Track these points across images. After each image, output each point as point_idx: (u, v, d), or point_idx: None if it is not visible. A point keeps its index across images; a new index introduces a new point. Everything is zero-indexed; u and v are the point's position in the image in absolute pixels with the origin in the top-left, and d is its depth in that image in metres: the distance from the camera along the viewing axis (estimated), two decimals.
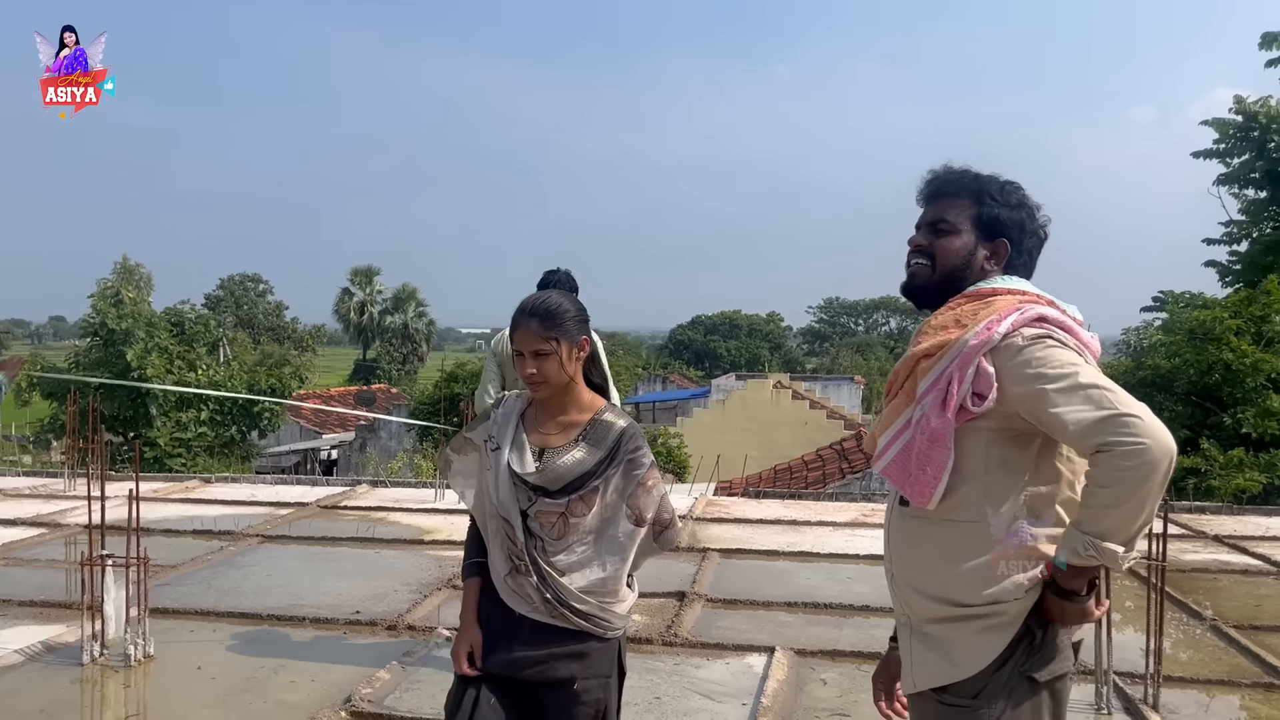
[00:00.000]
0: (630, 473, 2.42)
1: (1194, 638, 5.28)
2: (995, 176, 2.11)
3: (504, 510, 2.42)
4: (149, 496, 8.87)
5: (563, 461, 2.41)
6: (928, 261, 2.08)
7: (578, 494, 2.39)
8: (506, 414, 2.51)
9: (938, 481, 1.92)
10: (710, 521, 8.12)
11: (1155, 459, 1.74)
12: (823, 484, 16.79)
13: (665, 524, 2.48)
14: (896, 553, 2.09)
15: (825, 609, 5.63)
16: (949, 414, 1.90)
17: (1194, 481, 11.05)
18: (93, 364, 20.38)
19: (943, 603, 1.97)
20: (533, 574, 2.38)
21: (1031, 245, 2.10)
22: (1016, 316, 1.91)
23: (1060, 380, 1.83)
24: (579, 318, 2.48)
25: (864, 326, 72.37)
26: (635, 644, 4.98)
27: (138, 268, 41.84)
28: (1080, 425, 1.79)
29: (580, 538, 2.39)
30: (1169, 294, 15.97)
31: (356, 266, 62.25)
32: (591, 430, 2.45)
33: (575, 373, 2.45)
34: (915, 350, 2.01)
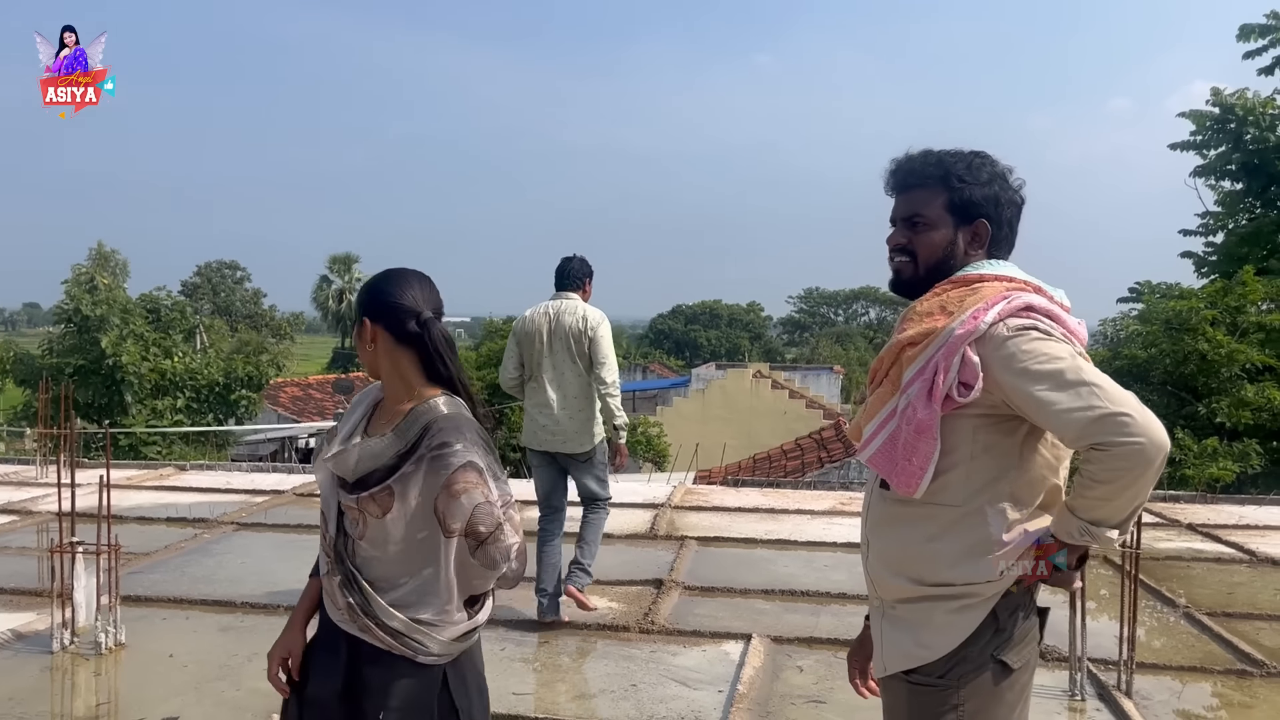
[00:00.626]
0: (436, 473, 2.04)
1: (1167, 625, 5.32)
2: (960, 153, 2.05)
3: (324, 502, 2.19)
4: (122, 484, 8.79)
5: (356, 446, 2.11)
6: (909, 258, 2.04)
7: (369, 492, 2.06)
8: (357, 402, 2.28)
9: (924, 472, 1.90)
10: (688, 510, 8.11)
11: (1150, 456, 1.74)
12: (801, 473, 16.84)
13: (482, 538, 2.05)
14: (874, 533, 2.07)
15: (802, 596, 5.64)
16: (935, 404, 1.87)
17: (1168, 471, 11.15)
18: (66, 351, 20.13)
19: (917, 583, 1.96)
20: (338, 573, 2.12)
21: (1010, 215, 2.05)
22: (1003, 306, 1.88)
23: (1048, 377, 1.80)
24: (364, 299, 2.21)
25: (843, 316, 72.58)
26: (612, 631, 4.98)
27: (113, 254, 41.34)
28: (1073, 425, 1.78)
29: (387, 543, 2.08)
30: (1145, 284, 16.09)
31: (335, 254, 61.77)
32: (404, 419, 2.12)
33: (380, 359, 2.17)
34: (900, 338, 1.97)
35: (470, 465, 2.05)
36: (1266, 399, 11.90)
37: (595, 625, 5.05)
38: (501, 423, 20.93)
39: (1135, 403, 1.77)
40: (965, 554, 1.92)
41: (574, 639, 4.93)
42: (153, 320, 21.76)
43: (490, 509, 2.06)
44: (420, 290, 2.19)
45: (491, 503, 2.07)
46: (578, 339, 5.01)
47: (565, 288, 5.17)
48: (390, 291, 2.18)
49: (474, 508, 2.04)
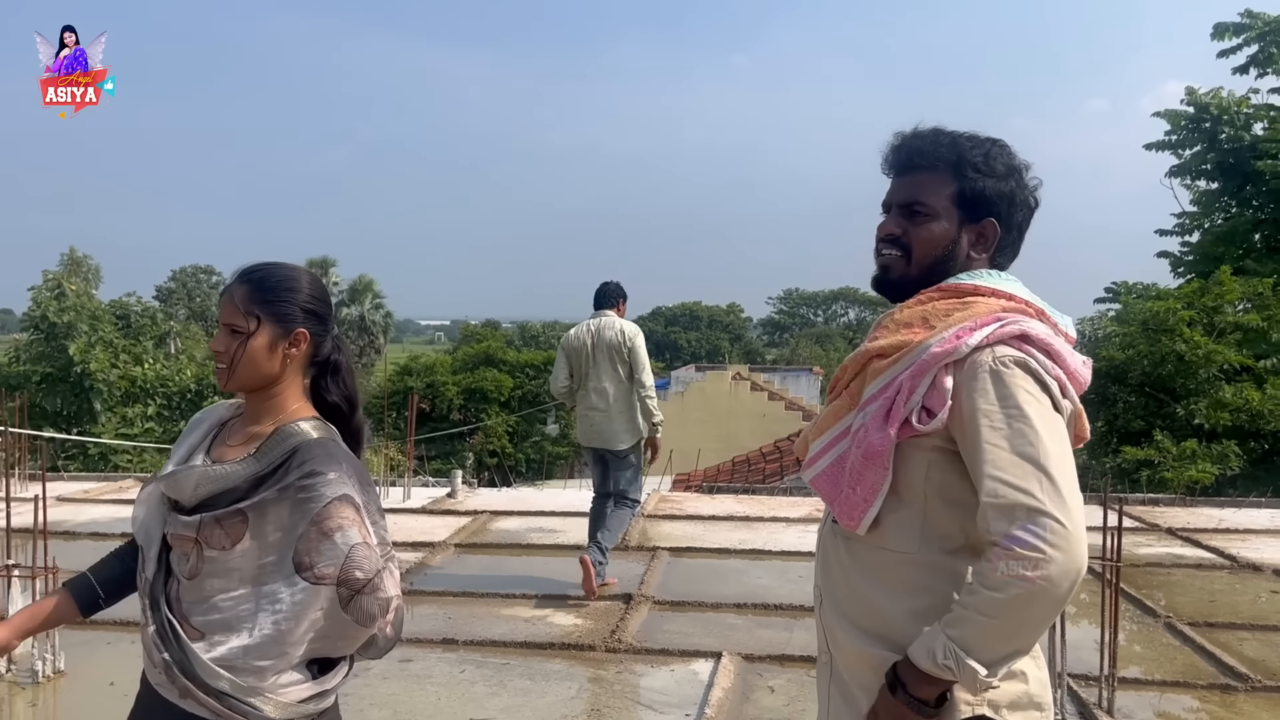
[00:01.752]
0: (302, 505, 1.70)
1: (1149, 636, 5.18)
2: (976, 137, 1.76)
3: (143, 533, 1.83)
4: (78, 498, 8.54)
5: (202, 469, 1.77)
6: (901, 252, 1.75)
7: (212, 514, 1.71)
8: (198, 421, 1.92)
9: (869, 505, 1.64)
10: (661, 519, 7.94)
11: (1054, 579, 1.46)
12: (780, 476, 16.72)
13: (358, 586, 1.70)
14: (825, 575, 1.79)
15: (776, 610, 5.48)
16: (891, 429, 1.61)
17: (1147, 473, 11.09)
18: (34, 358, 19.81)
19: (875, 639, 1.66)
20: (153, 622, 1.74)
21: (1021, 218, 1.77)
22: (995, 329, 1.61)
23: (1006, 434, 1.54)
24: (309, 306, 1.85)
25: (823, 317, 72.69)
26: (578, 651, 4.80)
27: (85, 259, 40.90)
28: (991, 498, 1.51)
29: (223, 584, 1.72)
30: (1123, 285, 16.06)
31: (312, 257, 61.30)
32: (267, 441, 1.78)
33: (284, 371, 1.83)
34: (869, 346, 1.71)
35: (346, 499, 1.74)
36: (1244, 400, 11.85)
37: (560, 644, 4.86)
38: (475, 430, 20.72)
39: (1076, 515, 1.50)
40: (918, 617, 1.61)
41: (538, 659, 4.74)
42: (123, 327, 21.46)
43: (369, 552, 1.73)
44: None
45: (370, 545, 1.75)
46: (617, 350, 5.78)
47: (603, 306, 5.98)
48: (327, 299, 1.91)
49: (350, 549, 1.71)
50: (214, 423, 1.92)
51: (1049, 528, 1.48)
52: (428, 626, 5.16)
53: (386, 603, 1.75)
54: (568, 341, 5.95)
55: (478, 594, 5.71)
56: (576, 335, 5.91)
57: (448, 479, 9.16)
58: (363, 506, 1.78)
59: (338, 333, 1.93)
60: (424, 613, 5.44)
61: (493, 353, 22.50)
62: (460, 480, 8.99)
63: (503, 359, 22.38)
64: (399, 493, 8.73)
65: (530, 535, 7.27)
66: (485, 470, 18.17)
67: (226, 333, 1.81)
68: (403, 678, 4.47)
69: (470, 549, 6.94)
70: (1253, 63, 16.14)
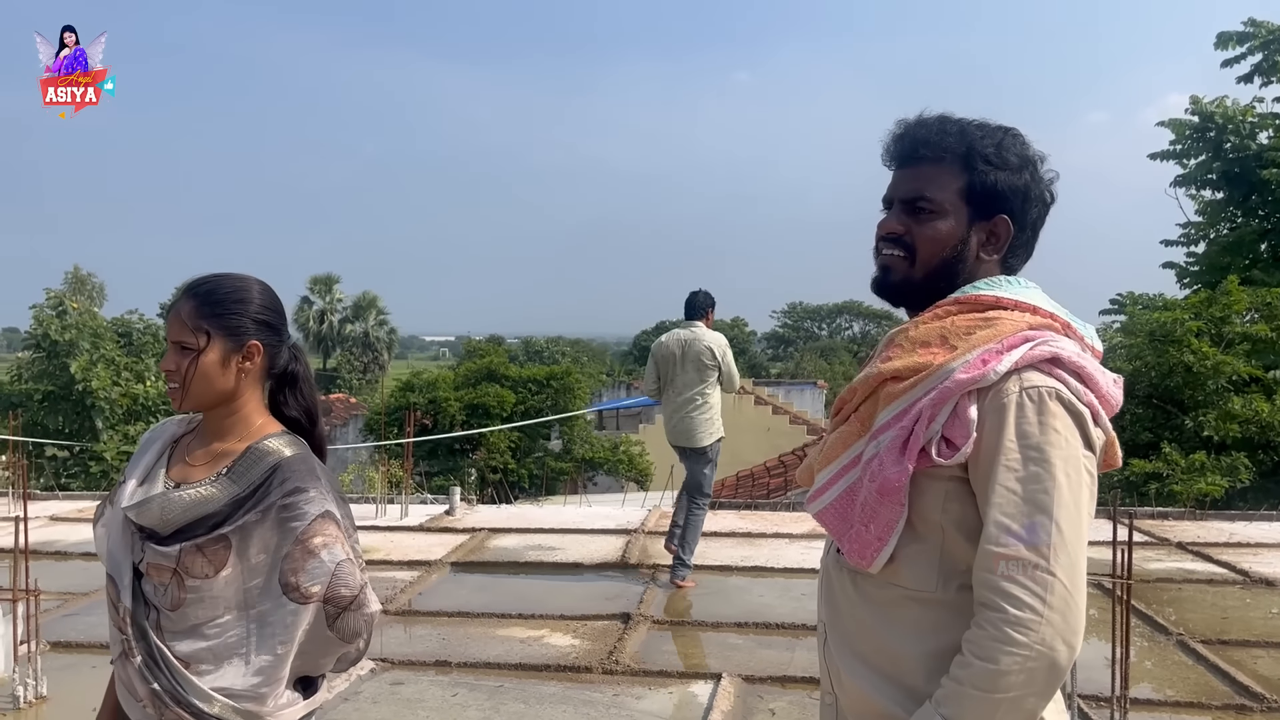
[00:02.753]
0: (285, 524, 1.66)
1: (1160, 654, 5.05)
2: (987, 125, 1.61)
3: (111, 562, 1.74)
4: (72, 516, 8.45)
5: (177, 494, 1.69)
6: (904, 252, 1.59)
7: (193, 541, 1.65)
8: (150, 439, 1.84)
9: (883, 543, 1.49)
10: (662, 535, 7.79)
11: (1049, 644, 1.36)
12: (784, 490, 16.58)
13: (343, 604, 1.68)
14: (831, 611, 1.64)
15: (778, 629, 5.35)
16: (908, 461, 1.46)
17: (1155, 486, 10.92)
18: (36, 376, 19.76)
19: (887, 683, 1.52)
20: (137, 653, 1.68)
21: (1036, 214, 1.62)
22: (1024, 351, 1.47)
23: (1018, 473, 1.41)
24: (260, 317, 1.78)
25: (827, 331, 72.52)
26: (574, 673, 4.69)
27: (89, 277, 40.98)
28: (991, 543, 1.40)
29: (209, 613, 1.66)
30: (1129, 296, 15.92)
31: (316, 275, 61.47)
32: (241, 461, 1.72)
33: (240, 386, 1.76)
34: (883, 368, 1.55)
35: (328, 515, 1.70)
36: (1254, 411, 11.69)
37: (556, 666, 4.74)
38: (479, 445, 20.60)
39: (1079, 580, 1.39)
40: (935, 659, 1.47)
41: (533, 681, 4.62)
42: (125, 344, 21.40)
43: (353, 569, 1.70)
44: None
45: (354, 561, 1.72)
46: (704, 359, 6.29)
47: (693, 318, 6.44)
48: (279, 309, 1.83)
49: (336, 565, 1.67)
50: (167, 440, 1.84)
51: (1049, 586, 1.37)
52: (421, 648, 5.04)
53: (370, 618, 1.74)
54: (658, 348, 6.49)
55: (473, 614, 5.60)
56: (667, 343, 6.46)
57: (447, 496, 9.04)
58: (342, 521, 1.74)
59: (295, 341, 1.86)
60: (418, 633, 5.32)
61: (495, 368, 22.40)
62: (459, 497, 8.87)
63: (505, 374, 22.26)
64: (396, 510, 8.62)
65: (528, 553, 7.15)
66: (488, 486, 18.05)
67: (176, 350, 1.75)
68: (394, 702, 4.35)
69: (467, 567, 6.82)
70: (1257, 71, 16.05)
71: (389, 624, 5.44)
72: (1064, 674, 1.39)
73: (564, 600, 5.85)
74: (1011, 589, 1.37)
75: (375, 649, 4.93)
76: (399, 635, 5.28)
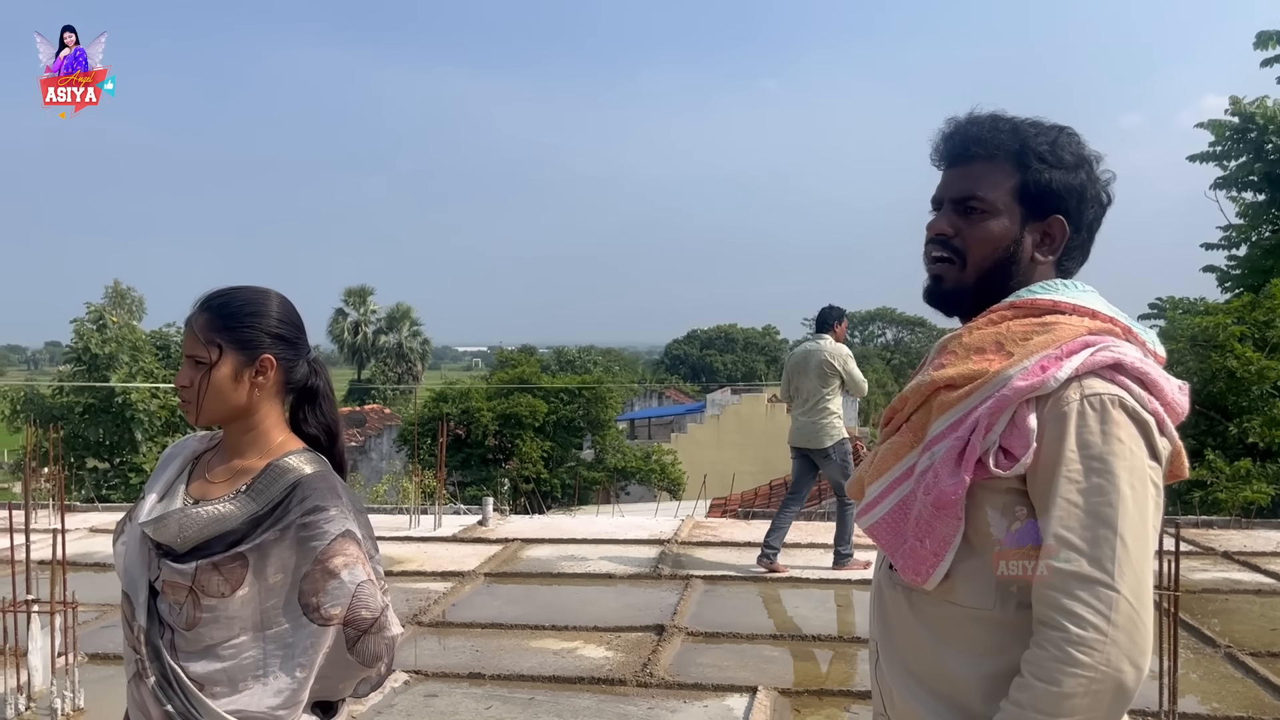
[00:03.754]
0: (305, 544, 1.62)
1: (1208, 667, 4.92)
2: (1041, 123, 1.54)
3: (127, 579, 1.71)
4: (111, 528, 8.50)
5: (195, 511, 1.65)
6: (954, 258, 1.53)
7: (209, 559, 1.61)
8: (171, 455, 1.80)
9: (939, 559, 1.43)
10: (696, 545, 7.76)
11: (1115, 664, 1.29)
12: (819, 499, 16.44)
13: (364, 626, 1.64)
14: (883, 630, 1.57)
15: (814, 641, 5.28)
16: (965, 472, 1.40)
17: (1199, 494, 10.72)
18: (76, 389, 20.07)
19: (942, 705, 1.45)
20: (151, 673, 1.63)
21: (1093, 215, 1.55)
22: (1085, 357, 1.40)
23: (1080, 485, 1.35)
24: (274, 331, 1.74)
25: (860, 338, 72.07)
26: (608, 685, 4.64)
27: (129, 291, 41.57)
28: (1052, 558, 1.34)
29: (225, 633, 1.62)
30: (1168, 300, 15.68)
31: (350, 287, 62.02)
32: (259, 478, 1.68)
33: (254, 401, 1.72)
34: (936, 376, 1.49)
35: (349, 535, 1.66)
36: None
37: (590, 678, 4.70)
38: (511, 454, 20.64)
39: (1145, 596, 1.32)
40: (994, 682, 1.40)
41: (566, 694, 4.58)
42: (163, 357, 21.67)
43: (374, 590, 1.66)
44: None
45: (374, 582, 1.67)
46: (824, 367, 6.74)
47: (822, 330, 6.96)
48: (297, 321, 1.79)
49: (357, 587, 1.63)
50: (188, 456, 1.81)
51: (1113, 603, 1.30)
52: (455, 660, 5.02)
53: (392, 642, 1.69)
54: (789, 359, 7.15)
55: (506, 625, 5.57)
56: (795, 354, 7.08)
57: (480, 506, 9.04)
58: (363, 542, 1.70)
59: (314, 355, 1.82)
60: (452, 645, 5.31)
61: (527, 378, 22.46)
62: (491, 507, 8.87)
63: (537, 384, 22.31)
64: (430, 520, 8.63)
65: (561, 564, 7.12)
66: (520, 496, 18.07)
67: (190, 365, 1.72)
68: (427, 714, 4.33)
69: (500, 578, 6.81)
70: None
71: (423, 635, 5.43)
72: (1131, 697, 1.32)
73: (597, 612, 5.82)
74: (1074, 606, 1.31)
75: (409, 660, 4.91)
76: (433, 647, 5.27)
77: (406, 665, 4.86)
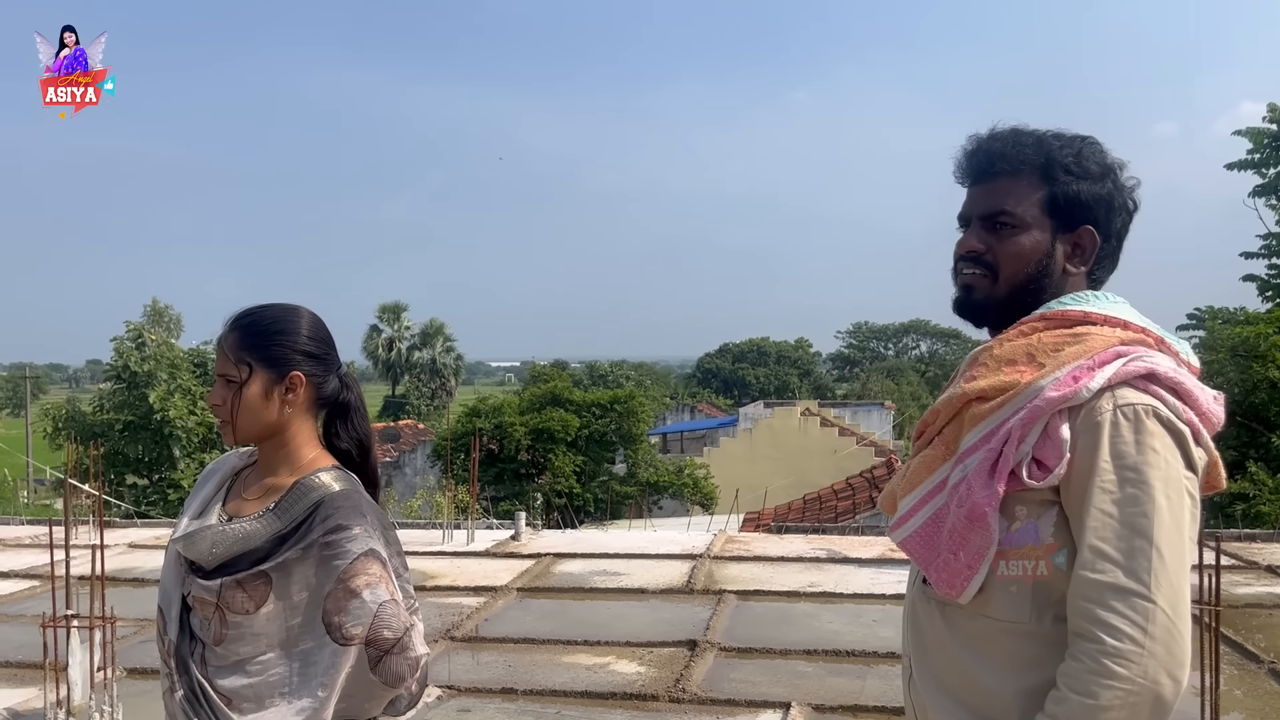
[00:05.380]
0: (328, 563, 1.62)
1: (1251, 683, 4.83)
2: (1064, 135, 1.54)
3: (161, 594, 1.76)
4: (149, 544, 8.64)
5: (226, 528, 1.67)
6: (986, 271, 1.54)
7: (234, 576, 1.63)
8: (210, 473, 1.83)
9: (974, 572, 1.42)
10: (728, 560, 7.73)
11: (1153, 677, 1.27)
12: (853, 514, 16.34)
13: (386, 646, 1.63)
14: (917, 645, 1.56)
15: (847, 656, 5.24)
16: (998, 484, 1.40)
17: (1242, 507, 10.53)
18: (116, 407, 20.38)
19: (979, 718, 1.45)
20: (180, 687, 1.66)
21: (1121, 223, 1.55)
22: (1118, 367, 1.40)
23: (1114, 495, 1.34)
24: (303, 347, 1.75)
25: (894, 351, 71.60)
26: (640, 701, 4.63)
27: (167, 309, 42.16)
28: (1088, 570, 1.33)
29: (252, 649, 1.64)
30: (1208, 310, 15.46)
31: (384, 303, 62.59)
32: (287, 496, 1.69)
33: (286, 418, 1.73)
34: (967, 388, 1.49)
35: (372, 554, 1.66)
36: None
37: (622, 694, 4.69)
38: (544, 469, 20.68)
39: (1183, 608, 1.31)
40: (1029, 697, 1.39)
41: (598, 709, 4.58)
42: (200, 374, 21.96)
43: (397, 610, 1.66)
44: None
45: (398, 602, 1.67)
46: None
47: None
48: (326, 338, 1.81)
49: (378, 607, 1.63)
50: (227, 473, 1.84)
51: (1150, 615, 1.29)
52: (487, 675, 5.03)
53: (416, 662, 1.68)
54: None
55: (539, 640, 5.58)
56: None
57: (512, 521, 9.07)
58: (388, 561, 1.70)
59: (345, 370, 1.83)
60: (484, 660, 5.32)
61: (559, 392, 22.51)
62: (524, 522, 8.89)
63: (569, 399, 22.36)
64: (463, 535, 8.66)
65: (594, 579, 7.12)
66: (553, 511, 18.09)
67: (221, 384, 1.75)
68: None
69: (533, 593, 6.81)
70: None
71: (455, 650, 5.45)
72: (1169, 711, 1.31)
73: (629, 627, 5.81)
74: (1110, 618, 1.30)
75: (442, 676, 4.93)
76: (466, 662, 5.28)
77: (440, 680, 4.88)
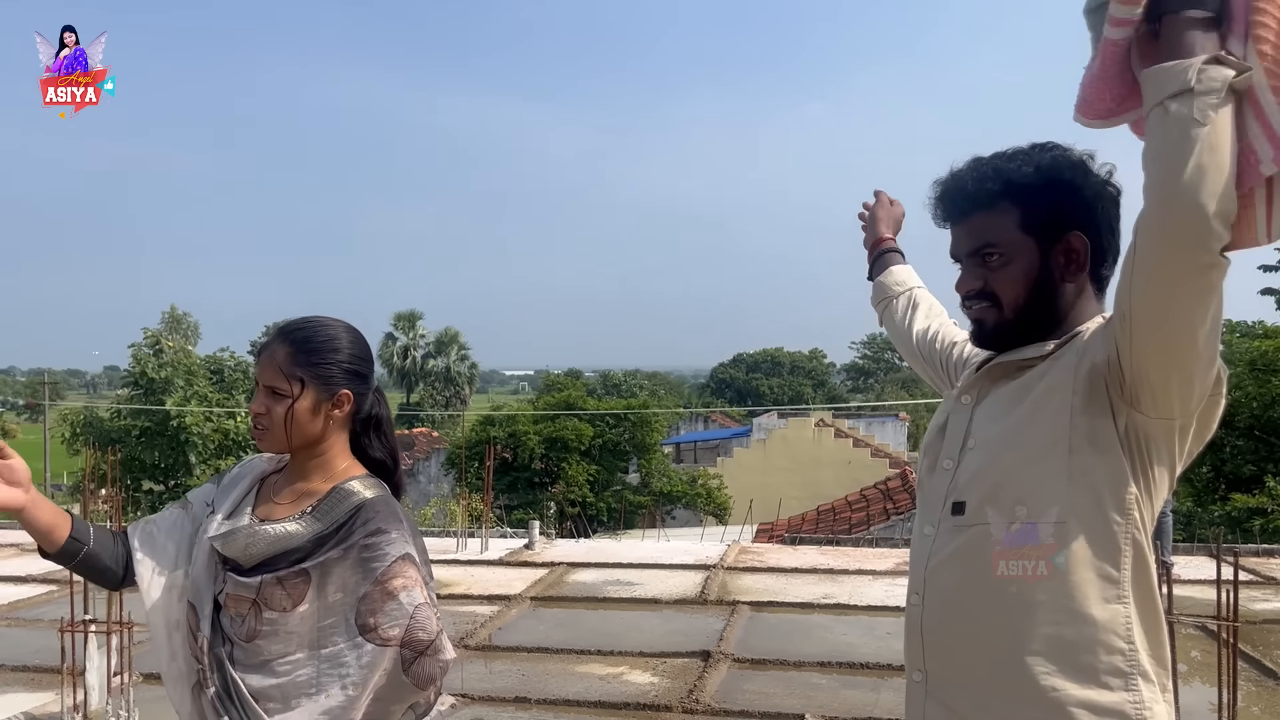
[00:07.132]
0: (366, 565, 1.65)
1: (1270, 699, 4.80)
2: (1017, 152, 1.55)
3: (194, 591, 1.75)
4: None
5: (262, 529, 1.71)
6: (990, 303, 1.55)
7: (274, 574, 1.66)
8: (239, 475, 1.85)
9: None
10: (742, 571, 7.72)
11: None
12: (867, 525, 16.27)
13: (419, 649, 1.65)
14: (941, 612, 1.50)
15: (861, 669, 5.23)
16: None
17: (1260, 522, 10.45)
18: (134, 413, 20.51)
19: (1034, 705, 1.38)
20: (211, 684, 1.66)
21: (1107, 213, 1.53)
22: None
23: None
24: (351, 366, 1.79)
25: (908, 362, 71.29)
26: (653, 711, 4.63)
27: (185, 316, 42.48)
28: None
29: (282, 648, 1.66)
30: (1226, 323, 15.36)
31: (399, 311, 62.77)
32: (326, 500, 1.73)
33: (327, 432, 1.78)
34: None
35: (409, 558, 1.69)
36: None
37: (635, 704, 4.69)
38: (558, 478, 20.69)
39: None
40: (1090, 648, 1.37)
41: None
42: (216, 382, 22.09)
43: (430, 613, 1.67)
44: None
45: (432, 605, 1.69)
46: None
47: None
48: (369, 356, 1.84)
49: (415, 609, 1.65)
50: (255, 477, 1.87)
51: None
52: (501, 684, 5.04)
53: (446, 665, 1.69)
54: None
55: (552, 650, 5.58)
56: None
57: (526, 530, 9.08)
58: (421, 565, 1.73)
59: (377, 385, 1.87)
60: (498, 669, 5.32)
61: (573, 401, 22.54)
62: (538, 531, 8.90)
63: (583, 407, 22.39)
64: (477, 544, 8.68)
65: (607, 588, 7.12)
66: (566, 520, 18.09)
67: (267, 394, 1.76)
68: None
69: (546, 602, 6.82)
70: None
71: (469, 659, 5.46)
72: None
73: (643, 637, 5.81)
74: None
75: (456, 684, 4.94)
76: (479, 671, 5.29)
77: (453, 689, 4.88)
